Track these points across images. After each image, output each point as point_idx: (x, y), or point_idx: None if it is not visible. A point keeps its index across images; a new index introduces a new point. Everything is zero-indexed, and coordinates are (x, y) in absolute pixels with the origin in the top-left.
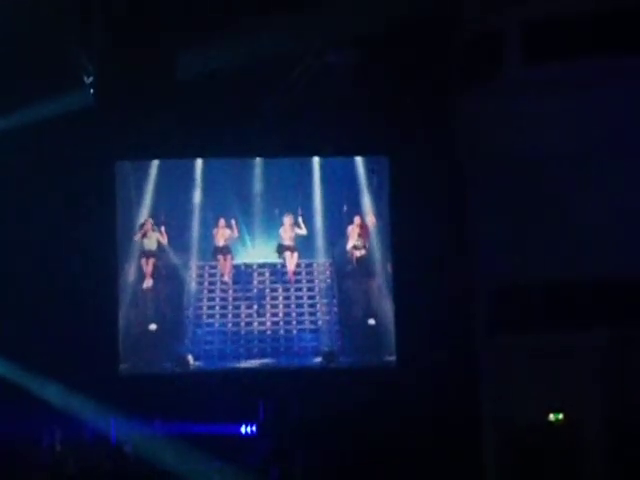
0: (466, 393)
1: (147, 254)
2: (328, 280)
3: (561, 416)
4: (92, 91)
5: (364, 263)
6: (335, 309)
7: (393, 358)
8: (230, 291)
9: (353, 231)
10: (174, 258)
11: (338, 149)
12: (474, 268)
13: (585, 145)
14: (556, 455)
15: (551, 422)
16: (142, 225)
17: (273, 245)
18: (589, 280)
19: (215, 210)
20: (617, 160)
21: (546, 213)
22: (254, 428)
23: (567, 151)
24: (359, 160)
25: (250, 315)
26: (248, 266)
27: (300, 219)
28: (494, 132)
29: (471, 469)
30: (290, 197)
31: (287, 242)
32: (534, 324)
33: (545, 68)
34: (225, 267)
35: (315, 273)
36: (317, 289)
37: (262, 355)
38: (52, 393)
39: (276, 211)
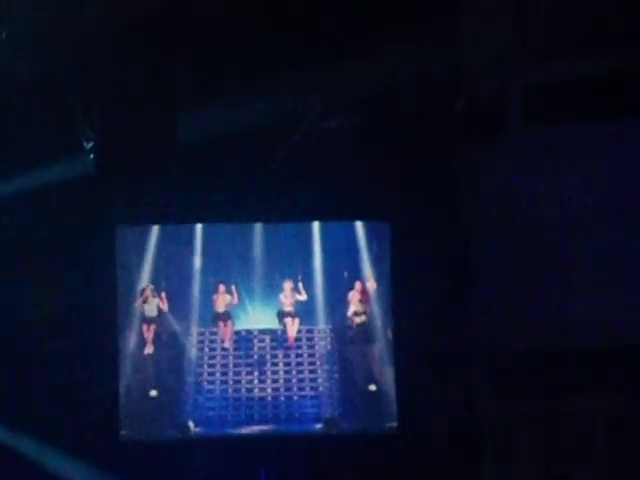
0: (469, 459)
1: (148, 320)
2: (329, 346)
3: None
4: (92, 156)
5: (365, 329)
6: (336, 375)
7: (395, 424)
8: (231, 357)
9: (354, 297)
10: (174, 324)
11: (338, 214)
12: (476, 333)
13: (589, 210)
14: None
15: None
16: (143, 291)
17: (274, 311)
18: (591, 345)
19: (215, 276)
20: (619, 225)
21: (548, 277)
22: None
23: (571, 215)
24: (359, 225)
25: (251, 381)
26: (249, 332)
27: (300, 285)
28: (496, 195)
29: None
30: (290, 262)
31: (287, 308)
32: (536, 390)
33: (547, 131)
34: (226, 333)
35: (316, 339)
36: (318, 355)
37: (263, 421)
38: (51, 460)
39: (276, 276)
